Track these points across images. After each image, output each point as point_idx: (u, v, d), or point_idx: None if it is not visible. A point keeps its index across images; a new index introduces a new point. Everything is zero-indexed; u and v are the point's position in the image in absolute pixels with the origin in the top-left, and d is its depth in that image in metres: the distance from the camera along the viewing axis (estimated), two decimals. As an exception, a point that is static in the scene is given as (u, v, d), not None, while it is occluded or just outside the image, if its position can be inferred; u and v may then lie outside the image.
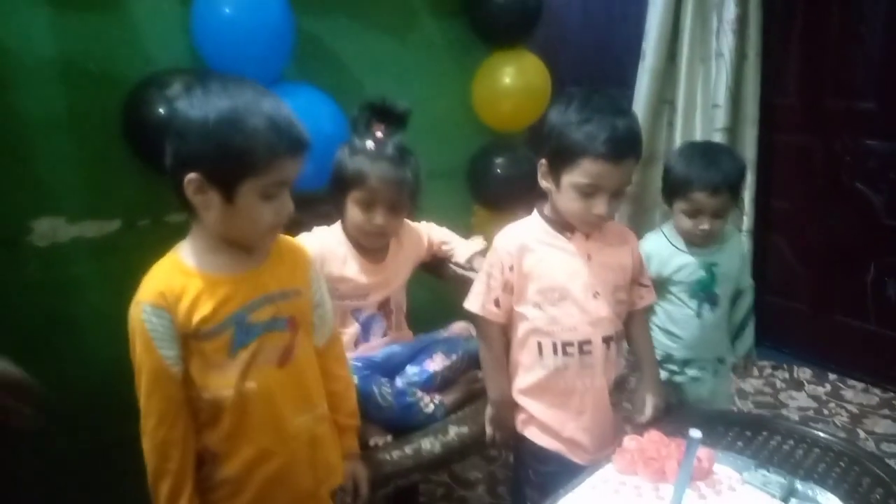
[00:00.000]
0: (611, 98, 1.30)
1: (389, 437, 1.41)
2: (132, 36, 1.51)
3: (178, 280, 1.04)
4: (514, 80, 2.06)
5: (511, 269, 1.34)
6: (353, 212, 1.47)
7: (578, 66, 3.55)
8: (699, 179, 1.60)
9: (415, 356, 1.54)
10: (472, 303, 1.38)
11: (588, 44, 3.53)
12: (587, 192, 1.25)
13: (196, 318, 1.03)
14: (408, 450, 1.38)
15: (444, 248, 1.71)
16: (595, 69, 3.49)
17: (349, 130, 1.51)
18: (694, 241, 1.69)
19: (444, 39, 2.10)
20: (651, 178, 2.96)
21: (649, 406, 1.38)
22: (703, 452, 1.11)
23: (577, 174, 1.24)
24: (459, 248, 1.69)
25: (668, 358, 1.71)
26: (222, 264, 1.07)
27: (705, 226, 1.64)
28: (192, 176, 0.99)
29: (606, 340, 1.34)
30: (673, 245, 1.72)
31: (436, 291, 1.74)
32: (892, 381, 2.62)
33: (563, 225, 1.34)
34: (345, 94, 1.75)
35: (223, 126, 0.98)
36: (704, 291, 1.71)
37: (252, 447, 1.09)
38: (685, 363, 1.71)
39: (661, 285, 1.71)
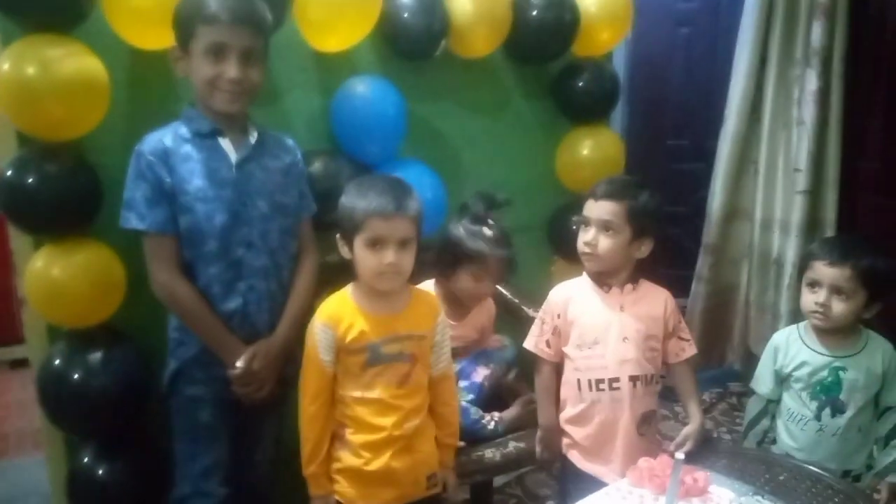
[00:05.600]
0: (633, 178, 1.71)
1: (462, 443, 1.76)
2: (286, 122, 1.95)
3: (342, 309, 1.50)
4: (591, 151, 2.37)
5: (559, 316, 1.67)
6: (465, 279, 1.83)
7: (680, 122, 3.83)
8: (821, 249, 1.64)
9: (462, 372, 1.87)
10: (529, 342, 1.73)
11: (689, 103, 3.78)
12: (583, 223, 1.63)
13: (347, 338, 1.47)
14: (473, 456, 1.75)
15: None
16: (695, 125, 3.75)
17: (462, 212, 1.88)
18: (812, 322, 1.66)
19: (533, 117, 2.43)
20: (735, 232, 3.17)
21: (687, 446, 1.57)
22: (699, 474, 1.38)
23: (583, 209, 1.64)
24: None
25: (787, 458, 1.67)
26: (371, 306, 1.51)
27: (820, 298, 1.61)
28: (338, 236, 1.50)
29: (633, 379, 1.61)
30: (801, 339, 1.70)
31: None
32: None
33: (601, 282, 1.66)
34: (445, 166, 2.16)
35: (345, 204, 1.48)
36: (826, 395, 1.65)
37: (371, 433, 1.50)
38: None
39: (785, 380, 1.72)
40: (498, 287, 2.07)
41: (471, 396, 1.80)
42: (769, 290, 3.07)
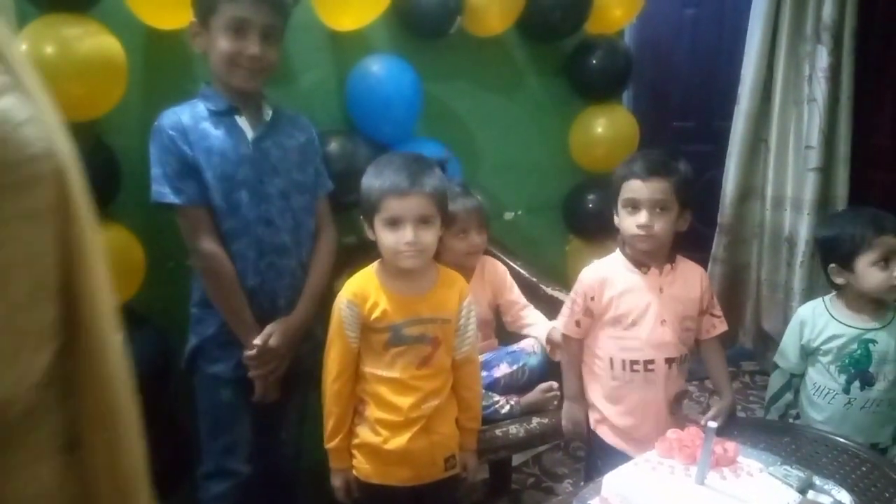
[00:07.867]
0: (662, 152, 1.62)
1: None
2: (301, 102, 1.92)
3: (367, 287, 1.50)
4: (605, 130, 2.37)
5: (593, 298, 1.63)
6: (451, 242, 1.83)
7: (687, 103, 3.81)
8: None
9: (486, 363, 1.87)
10: (559, 322, 1.71)
11: (695, 84, 3.76)
12: (631, 205, 1.55)
13: (372, 316, 1.47)
14: (498, 432, 1.75)
15: (522, 314, 2.00)
16: (701, 106, 3.73)
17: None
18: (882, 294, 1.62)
19: (546, 96, 2.43)
20: (748, 212, 3.16)
21: (719, 421, 1.55)
22: (729, 444, 1.38)
23: (623, 192, 1.57)
24: (539, 326, 1.94)
25: (812, 429, 1.65)
26: (395, 286, 1.50)
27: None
28: (361, 217, 1.49)
29: (668, 361, 1.59)
30: (829, 313, 1.69)
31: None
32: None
33: (639, 262, 1.62)
34: (460, 146, 2.15)
35: (363, 184, 1.48)
36: (856, 368, 1.64)
37: (389, 412, 1.50)
38: None
39: (811, 354, 1.71)
40: (516, 266, 2.07)
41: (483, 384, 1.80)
42: (781, 268, 3.06)
